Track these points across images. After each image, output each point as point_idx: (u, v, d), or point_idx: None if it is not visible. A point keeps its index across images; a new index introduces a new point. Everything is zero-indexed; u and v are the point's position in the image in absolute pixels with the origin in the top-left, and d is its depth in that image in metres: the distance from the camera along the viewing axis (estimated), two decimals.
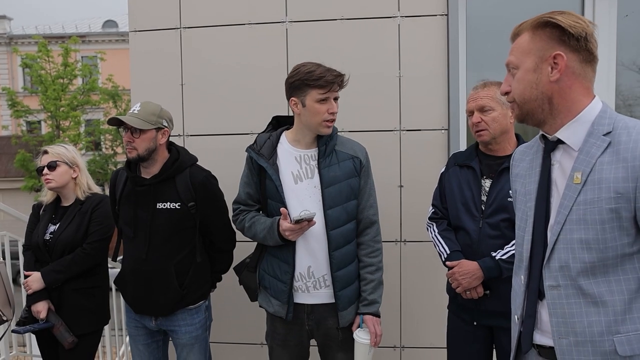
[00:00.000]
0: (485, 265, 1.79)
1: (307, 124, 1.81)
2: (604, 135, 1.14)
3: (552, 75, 1.16)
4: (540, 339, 1.21)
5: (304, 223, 1.73)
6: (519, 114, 1.23)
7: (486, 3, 2.53)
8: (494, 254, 1.79)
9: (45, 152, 2.29)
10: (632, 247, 1.12)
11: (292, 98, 1.81)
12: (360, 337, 1.80)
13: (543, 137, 1.26)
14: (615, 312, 1.11)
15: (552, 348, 1.18)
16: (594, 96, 1.19)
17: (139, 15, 2.58)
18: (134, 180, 1.98)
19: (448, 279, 1.92)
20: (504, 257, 1.77)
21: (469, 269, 1.80)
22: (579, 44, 1.15)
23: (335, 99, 1.80)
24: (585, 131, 1.16)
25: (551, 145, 1.23)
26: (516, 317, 1.27)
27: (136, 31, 2.58)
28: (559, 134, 1.20)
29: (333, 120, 1.80)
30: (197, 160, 2.06)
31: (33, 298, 2.17)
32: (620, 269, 1.12)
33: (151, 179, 1.96)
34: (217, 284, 2.18)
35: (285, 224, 1.74)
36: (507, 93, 1.25)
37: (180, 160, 1.99)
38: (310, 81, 1.75)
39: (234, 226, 2.06)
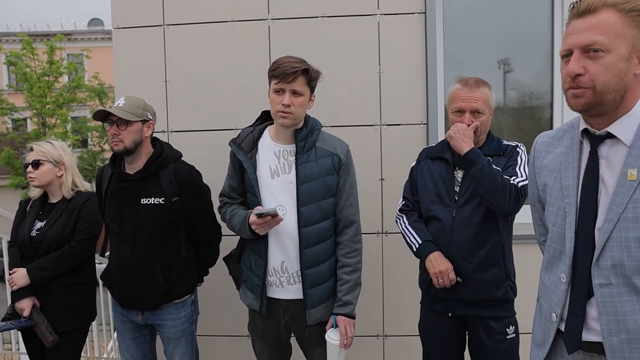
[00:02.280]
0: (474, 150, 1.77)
1: (272, 115, 1.83)
2: None
3: (638, 68, 1.09)
4: (586, 335, 1.16)
5: (268, 218, 1.73)
6: (590, 102, 1.10)
7: (463, 1, 2.58)
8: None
9: (31, 149, 2.29)
10: None
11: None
12: (331, 337, 1.79)
13: (585, 131, 1.17)
14: None
15: (598, 343, 1.14)
16: None
17: (122, 12, 2.59)
18: (118, 176, 2.00)
19: (420, 274, 1.96)
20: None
21: (464, 129, 1.79)
22: None
23: (295, 93, 1.75)
24: (637, 125, 1.11)
25: (598, 140, 1.15)
26: (554, 315, 1.22)
27: (119, 28, 2.60)
28: (611, 129, 1.13)
29: (286, 113, 1.75)
30: (181, 156, 2.09)
31: (18, 294, 2.17)
32: None
33: (135, 174, 1.99)
34: (204, 277, 2.21)
35: (251, 217, 1.77)
36: (578, 75, 1.09)
37: (164, 155, 2.01)
38: (270, 71, 1.79)
39: (219, 220, 2.09)
